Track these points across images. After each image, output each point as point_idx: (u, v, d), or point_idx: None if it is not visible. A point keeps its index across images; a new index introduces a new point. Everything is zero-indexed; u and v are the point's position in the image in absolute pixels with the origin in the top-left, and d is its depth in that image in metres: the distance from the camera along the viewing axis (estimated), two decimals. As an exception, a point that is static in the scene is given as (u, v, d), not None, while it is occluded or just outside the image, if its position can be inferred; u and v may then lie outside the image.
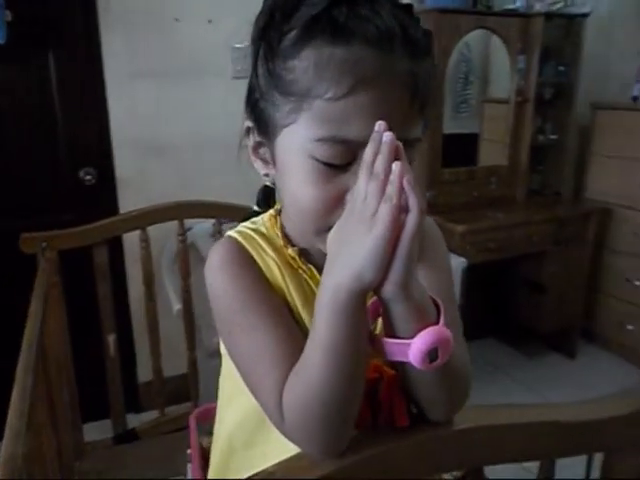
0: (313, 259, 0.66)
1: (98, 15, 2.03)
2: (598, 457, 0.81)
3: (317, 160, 0.55)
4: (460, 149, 2.80)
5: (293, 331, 0.60)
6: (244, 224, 0.70)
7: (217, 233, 1.70)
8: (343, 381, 0.51)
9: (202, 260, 2.28)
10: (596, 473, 0.92)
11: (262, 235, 0.67)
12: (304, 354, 0.53)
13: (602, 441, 0.70)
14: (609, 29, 2.96)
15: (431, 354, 0.50)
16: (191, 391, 1.78)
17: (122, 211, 2.15)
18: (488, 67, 2.92)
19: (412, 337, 0.50)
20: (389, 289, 0.49)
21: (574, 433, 0.64)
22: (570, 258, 2.77)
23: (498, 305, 3.01)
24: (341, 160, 0.54)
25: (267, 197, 0.73)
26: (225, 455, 0.76)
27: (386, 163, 0.48)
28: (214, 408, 1.56)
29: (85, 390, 1.72)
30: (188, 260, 1.68)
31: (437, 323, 0.52)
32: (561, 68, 2.76)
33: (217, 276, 0.63)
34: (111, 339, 1.67)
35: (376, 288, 0.49)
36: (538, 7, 2.61)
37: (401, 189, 0.47)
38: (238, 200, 1.77)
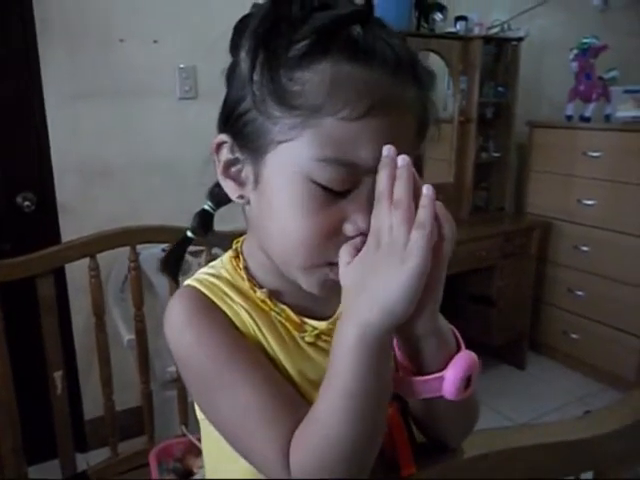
0: (285, 299, 0.60)
1: (36, 32, 1.92)
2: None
3: (315, 183, 0.50)
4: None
5: (278, 382, 0.54)
6: (202, 270, 0.62)
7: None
8: (368, 432, 0.46)
9: (151, 286, 2.16)
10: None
11: (225, 280, 0.60)
12: (319, 405, 0.48)
13: (596, 458, 0.70)
14: (540, 54, 3.12)
15: (463, 382, 0.48)
16: (146, 426, 1.67)
17: (64, 239, 2.03)
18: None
19: (441, 369, 0.48)
20: (423, 323, 0.46)
21: (577, 451, 0.63)
22: (517, 271, 2.84)
23: (448, 321, 3.04)
24: (342, 186, 0.50)
25: (205, 223, 0.66)
26: None
27: (407, 188, 0.45)
28: (175, 444, 1.49)
29: (27, 431, 1.59)
30: (142, 288, 1.59)
31: (459, 348, 0.49)
32: (500, 89, 2.87)
33: (182, 333, 0.55)
34: (58, 377, 1.55)
35: (404, 324, 0.46)
36: (477, 31, 2.72)
37: (434, 215, 0.45)
38: (187, 224, 1.70)
